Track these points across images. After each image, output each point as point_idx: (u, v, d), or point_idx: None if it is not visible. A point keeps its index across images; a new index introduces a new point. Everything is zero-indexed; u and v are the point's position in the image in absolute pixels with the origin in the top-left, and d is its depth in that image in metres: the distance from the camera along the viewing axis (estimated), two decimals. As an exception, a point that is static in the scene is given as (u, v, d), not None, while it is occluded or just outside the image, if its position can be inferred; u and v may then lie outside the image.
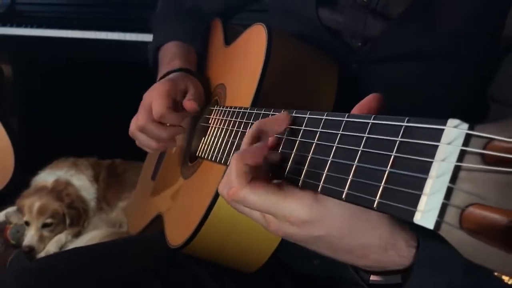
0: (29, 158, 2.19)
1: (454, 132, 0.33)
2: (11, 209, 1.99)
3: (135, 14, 1.91)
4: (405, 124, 0.38)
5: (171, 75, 0.92)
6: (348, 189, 0.42)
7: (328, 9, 0.82)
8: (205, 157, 0.78)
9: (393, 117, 0.40)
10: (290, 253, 0.79)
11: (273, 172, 0.54)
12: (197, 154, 0.84)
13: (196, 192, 0.81)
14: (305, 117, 0.52)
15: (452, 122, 0.34)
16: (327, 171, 0.46)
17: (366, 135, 0.42)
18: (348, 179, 0.42)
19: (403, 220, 0.51)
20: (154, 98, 0.85)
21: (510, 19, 0.66)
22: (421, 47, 0.75)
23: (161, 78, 0.93)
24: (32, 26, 2.01)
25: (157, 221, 0.97)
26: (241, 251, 0.75)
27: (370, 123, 0.42)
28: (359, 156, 0.42)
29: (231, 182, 0.51)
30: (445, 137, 0.34)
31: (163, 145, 0.89)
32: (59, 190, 1.88)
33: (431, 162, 0.34)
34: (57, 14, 2.08)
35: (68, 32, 1.96)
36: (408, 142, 0.37)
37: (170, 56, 1.01)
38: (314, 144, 0.49)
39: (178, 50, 1.02)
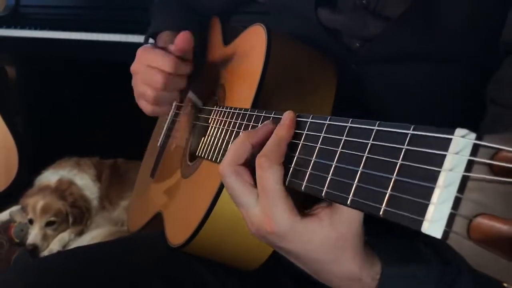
0: (33, 157, 2.19)
1: (462, 142, 0.33)
2: (15, 208, 1.99)
3: (136, 17, 1.91)
4: (411, 132, 0.38)
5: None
6: (353, 195, 0.41)
7: (327, 9, 0.81)
8: (205, 157, 0.77)
9: (398, 124, 0.39)
10: None
11: None
12: (196, 153, 0.84)
13: (196, 191, 0.81)
14: (308, 121, 0.51)
15: (459, 131, 0.33)
16: (331, 176, 0.45)
17: (371, 141, 0.42)
18: (353, 185, 0.42)
19: (371, 257, 0.53)
20: (159, 56, 0.84)
21: (508, 25, 0.65)
22: (420, 48, 0.74)
23: None
24: (35, 28, 2.01)
25: (157, 220, 0.97)
26: (242, 249, 0.75)
27: (374, 130, 0.42)
28: (364, 162, 0.42)
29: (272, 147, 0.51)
30: (453, 147, 0.33)
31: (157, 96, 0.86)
32: (62, 189, 1.88)
33: (439, 172, 0.34)
34: (60, 16, 2.07)
35: (70, 34, 1.95)
36: (415, 150, 0.37)
37: (163, 43, 0.99)
38: (317, 148, 0.48)
39: (168, 39, 1.01)
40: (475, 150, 0.32)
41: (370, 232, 0.53)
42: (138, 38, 1.84)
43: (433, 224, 0.33)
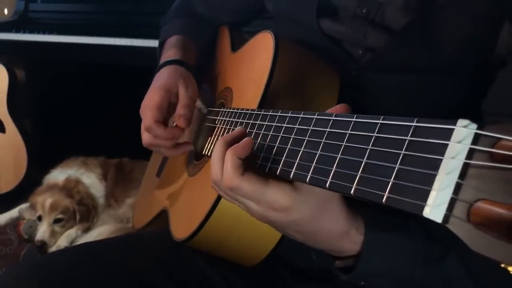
0: (41, 157, 2.19)
1: (463, 131, 0.33)
2: (24, 206, 1.99)
3: (142, 21, 1.91)
4: (414, 124, 0.38)
5: (165, 75, 0.90)
6: (357, 184, 0.42)
7: (328, 19, 0.81)
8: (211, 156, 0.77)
9: (402, 117, 0.40)
10: (289, 250, 0.78)
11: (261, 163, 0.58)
12: (203, 152, 0.84)
13: (202, 188, 0.81)
14: (313, 118, 0.52)
15: (462, 122, 0.34)
16: (336, 168, 0.45)
17: (375, 134, 0.42)
18: (357, 175, 0.42)
19: (356, 210, 0.58)
20: (146, 109, 0.85)
21: (502, 37, 0.66)
22: (421, 61, 0.73)
23: (159, 69, 0.93)
24: (44, 33, 2.01)
25: (161, 217, 0.97)
26: (243, 245, 0.75)
27: (379, 124, 0.42)
28: (368, 154, 0.42)
29: (227, 172, 0.54)
30: (455, 136, 0.34)
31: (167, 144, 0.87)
32: (70, 188, 1.89)
33: (441, 160, 0.34)
34: (67, 21, 2.07)
35: (78, 38, 1.96)
36: (418, 140, 0.37)
37: (167, 47, 1.00)
38: (322, 142, 0.49)
39: (175, 41, 1.01)
40: (476, 139, 0.33)
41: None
42: (142, 42, 1.84)
43: (435, 208, 0.34)
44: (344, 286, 0.83)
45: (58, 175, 1.95)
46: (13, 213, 2.03)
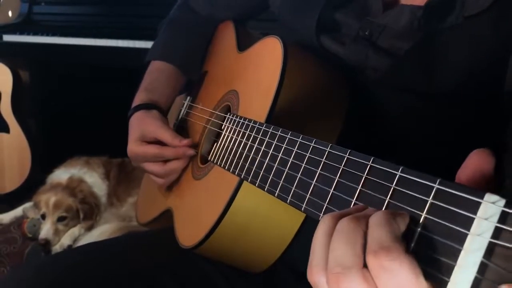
0: (45, 157, 2.19)
1: (491, 207, 0.32)
2: (28, 204, 1.99)
3: (143, 23, 1.91)
4: (436, 186, 0.36)
5: (139, 122, 0.94)
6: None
7: (329, 38, 0.78)
8: (217, 163, 0.76)
9: (423, 174, 0.37)
10: (295, 251, 0.76)
11: None
12: (208, 158, 0.82)
13: (209, 195, 0.79)
14: (326, 151, 0.49)
15: (490, 197, 0.32)
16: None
17: (393, 186, 0.39)
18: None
19: None
20: (138, 149, 0.90)
21: (510, 75, 0.64)
22: (422, 86, 0.70)
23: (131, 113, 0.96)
24: (47, 35, 2.01)
25: (166, 215, 0.96)
26: (251, 253, 0.74)
27: (397, 175, 0.39)
28: (386, 206, 0.39)
29: (380, 240, 0.35)
30: (481, 211, 0.32)
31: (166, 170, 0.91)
32: (73, 187, 1.88)
33: (467, 234, 0.32)
34: (70, 23, 2.07)
35: (80, 40, 1.96)
36: (441, 206, 0.35)
37: (148, 81, 1.01)
38: (336, 181, 0.46)
39: (149, 78, 1.02)
40: (503, 217, 0.31)
41: None
42: (144, 44, 1.83)
43: (459, 286, 0.32)
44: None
45: (61, 175, 1.95)
46: (17, 212, 2.03)
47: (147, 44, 1.82)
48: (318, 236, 0.40)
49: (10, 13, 2.12)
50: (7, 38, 2.08)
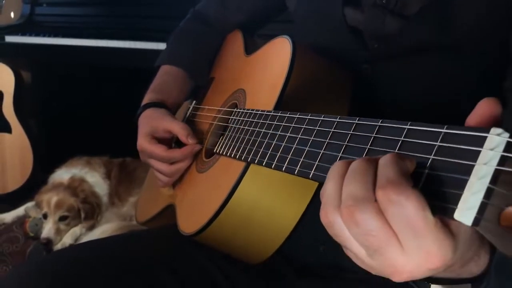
0: (47, 157, 2.20)
1: (496, 139, 0.33)
2: (30, 204, 2.00)
3: (144, 24, 1.91)
4: (444, 130, 0.37)
5: (148, 119, 0.96)
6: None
7: (351, 8, 0.80)
8: (225, 154, 0.77)
9: (430, 124, 0.39)
10: (294, 245, 0.77)
11: None
12: (214, 150, 0.83)
13: (213, 184, 0.80)
14: (335, 121, 0.51)
15: (495, 130, 0.34)
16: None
17: (402, 138, 0.41)
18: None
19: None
20: (146, 148, 0.92)
21: None
22: (436, 42, 0.72)
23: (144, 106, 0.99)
24: (49, 36, 2.01)
25: (166, 213, 0.96)
26: (251, 243, 0.74)
27: (406, 129, 0.41)
28: None
29: (389, 178, 0.37)
30: (488, 143, 0.34)
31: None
32: (75, 186, 1.89)
33: (473, 165, 0.34)
34: (71, 24, 2.08)
35: (82, 40, 1.96)
36: (448, 146, 0.37)
37: (156, 83, 1.05)
38: (345, 145, 0.48)
39: (165, 78, 1.06)
40: (508, 146, 0.33)
41: None
42: (145, 45, 1.84)
43: (465, 212, 0.34)
44: (353, 283, 0.84)
45: (63, 174, 1.95)
46: (19, 211, 2.03)
47: (148, 45, 1.83)
48: (330, 178, 0.42)
49: (12, 14, 2.12)
50: (9, 39, 2.08)
